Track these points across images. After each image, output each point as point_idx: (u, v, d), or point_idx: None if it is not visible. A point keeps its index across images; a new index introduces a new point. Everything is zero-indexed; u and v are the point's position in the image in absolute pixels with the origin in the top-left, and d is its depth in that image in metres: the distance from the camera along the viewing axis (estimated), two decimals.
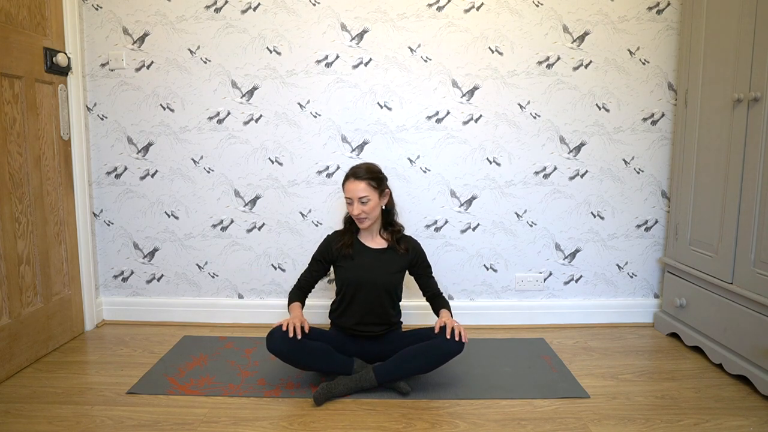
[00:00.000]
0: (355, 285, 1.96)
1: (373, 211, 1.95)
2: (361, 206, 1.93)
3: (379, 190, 1.96)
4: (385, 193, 2.00)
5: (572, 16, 2.39)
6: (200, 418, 1.67)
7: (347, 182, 1.95)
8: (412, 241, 2.06)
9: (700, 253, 2.19)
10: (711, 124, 2.13)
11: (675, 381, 1.95)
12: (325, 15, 2.38)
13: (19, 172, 2.02)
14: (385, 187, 2.00)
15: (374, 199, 1.94)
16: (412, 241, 2.06)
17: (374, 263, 1.98)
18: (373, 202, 1.94)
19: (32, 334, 2.08)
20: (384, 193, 1.99)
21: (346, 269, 1.98)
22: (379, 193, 1.96)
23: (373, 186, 1.93)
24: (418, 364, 1.81)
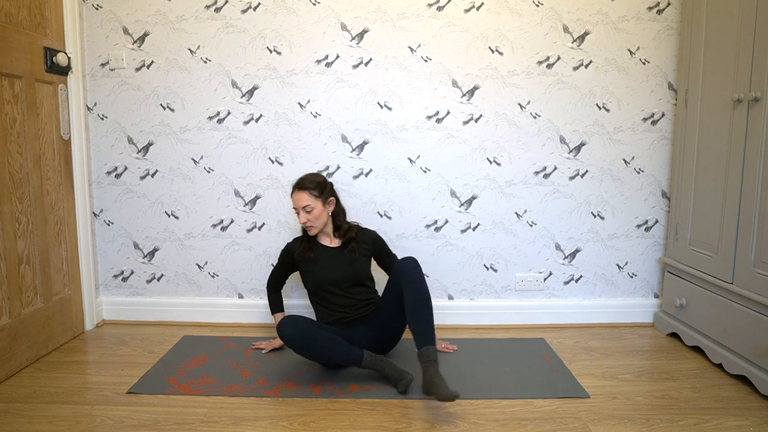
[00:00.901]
0: (326, 283, 2.06)
1: (317, 219, 2.05)
2: (306, 215, 2.03)
3: (322, 199, 2.05)
4: (329, 201, 2.08)
5: (572, 16, 2.39)
6: (200, 418, 1.67)
7: (293, 193, 2.06)
8: (369, 233, 2.16)
9: (700, 253, 2.19)
10: (711, 124, 2.13)
11: (675, 381, 1.95)
12: (325, 15, 2.38)
13: (19, 171, 2.02)
14: (329, 195, 2.08)
15: (318, 207, 2.04)
16: (369, 233, 2.16)
17: (337, 260, 2.09)
18: (317, 210, 2.04)
19: (32, 334, 2.08)
20: (328, 201, 2.08)
21: (312, 272, 2.09)
22: (322, 201, 2.05)
23: (315, 195, 2.03)
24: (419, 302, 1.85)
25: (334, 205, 2.11)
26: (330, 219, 2.12)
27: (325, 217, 2.07)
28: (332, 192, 2.11)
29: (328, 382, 1.91)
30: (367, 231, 2.18)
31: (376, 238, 2.18)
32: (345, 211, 2.19)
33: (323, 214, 2.06)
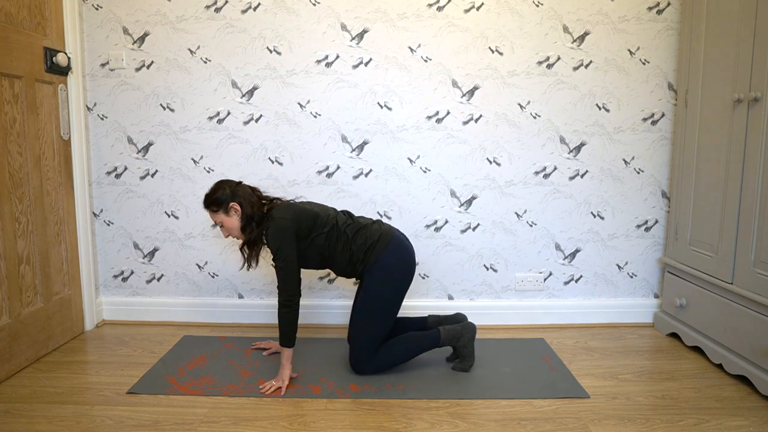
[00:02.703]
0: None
1: (233, 230, 1.94)
2: (223, 230, 1.97)
3: (223, 211, 1.92)
4: (231, 209, 1.92)
5: (572, 16, 2.39)
6: (200, 418, 1.67)
7: None
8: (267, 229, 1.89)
9: (700, 253, 2.19)
10: (711, 124, 2.13)
11: (675, 381, 1.95)
12: (325, 15, 2.38)
13: (19, 171, 2.02)
14: (228, 205, 1.91)
15: (225, 220, 1.93)
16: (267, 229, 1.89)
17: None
18: (227, 223, 1.93)
19: (32, 334, 2.08)
20: (230, 210, 1.92)
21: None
22: (224, 213, 1.92)
23: (214, 210, 1.93)
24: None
25: (240, 210, 1.92)
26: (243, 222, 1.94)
27: (237, 224, 1.93)
28: (234, 197, 1.91)
29: (328, 382, 1.91)
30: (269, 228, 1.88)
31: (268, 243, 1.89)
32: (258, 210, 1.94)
33: (233, 223, 1.93)
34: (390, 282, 1.95)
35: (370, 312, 1.94)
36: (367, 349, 1.94)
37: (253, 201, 1.95)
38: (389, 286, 1.95)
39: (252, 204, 1.94)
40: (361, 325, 1.95)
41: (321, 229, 1.93)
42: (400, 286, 1.97)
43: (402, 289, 1.98)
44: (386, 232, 1.98)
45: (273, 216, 1.90)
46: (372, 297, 1.95)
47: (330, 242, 1.95)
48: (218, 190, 1.93)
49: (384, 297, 1.95)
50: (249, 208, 1.93)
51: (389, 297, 1.95)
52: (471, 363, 2.03)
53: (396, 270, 1.95)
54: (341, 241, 1.95)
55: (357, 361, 1.95)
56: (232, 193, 1.92)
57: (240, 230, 1.95)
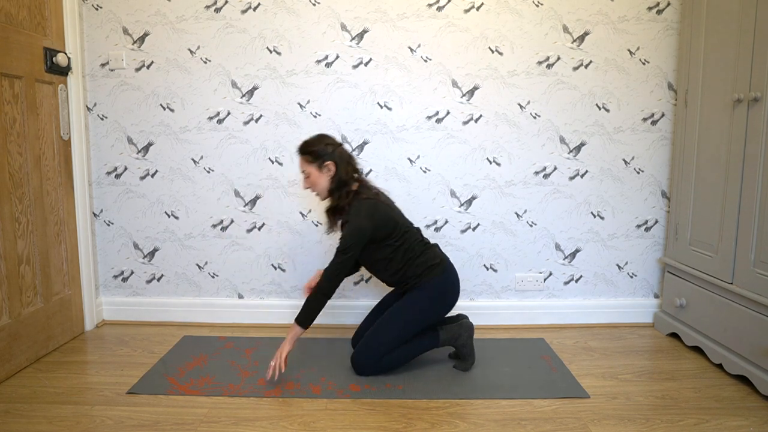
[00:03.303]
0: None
1: (316, 185, 1.96)
2: (305, 180, 1.98)
3: (316, 165, 1.93)
4: (325, 165, 1.93)
5: (572, 16, 2.39)
6: (200, 418, 1.67)
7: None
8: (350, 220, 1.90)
9: (700, 253, 2.19)
10: (711, 124, 2.13)
11: (675, 381, 1.95)
12: (325, 15, 2.38)
13: (19, 172, 2.02)
14: (326, 161, 1.92)
15: (313, 172, 1.95)
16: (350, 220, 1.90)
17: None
18: (313, 176, 1.95)
19: (32, 334, 2.08)
20: (324, 167, 1.93)
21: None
22: (317, 167, 1.93)
23: (308, 160, 1.94)
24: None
25: (333, 170, 1.93)
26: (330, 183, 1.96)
27: (324, 183, 1.95)
28: (332, 156, 1.92)
29: (328, 382, 1.91)
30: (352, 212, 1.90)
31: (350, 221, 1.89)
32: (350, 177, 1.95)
33: (321, 180, 1.94)
34: (432, 305, 1.98)
35: (399, 323, 1.95)
36: (378, 354, 1.93)
37: (348, 168, 1.97)
38: (429, 309, 1.98)
39: (347, 171, 1.96)
40: (383, 331, 1.95)
41: (393, 240, 1.96)
42: (438, 312, 2.00)
43: (438, 315, 2.01)
44: (446, 258, 2.05)
45: (360, 207, 1.90)
46: (408, 310, 1.96)
47: (396, 253, 1.97)
48: (320, 143, 1.95)
49: (419, 316, 1.97)
50: (343, 173, 1.94)
51: (423, 317, 1.98)
52: (471, 362, 2.03)
53: (443, 297, 2.00)
54: (408, 254, 1.98)
55: (363, 362, 1.95)
56: (333, 152, 1.94)
57: (328, 192, 1.97)
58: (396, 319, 1.96)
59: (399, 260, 1.98)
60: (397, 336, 1.95)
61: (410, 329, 1.97)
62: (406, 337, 1.97)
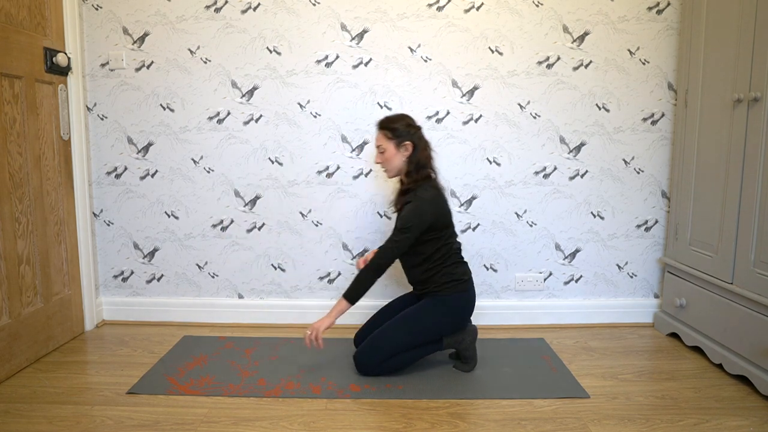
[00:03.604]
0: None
1: (389, 161, 1.97)
2: (379, 155, 1.99)
3: (395, 141, 1.94)
4: (404, 144, 1.94)
5: (572, 16, 2.39)
6: (200, 418, 1.67)
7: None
8: (414, 200, 1.90)
9: (700, 253, 2.19)
10: (711, 124, 2.13)
11: (675, 381, 1.95)
12: (325, 15, 2.38)
13: (19, 172, 2.02)
14: (405, 140, 1.94)
15: (389, 149, 1.95)
16: (414, 200, 1.90)
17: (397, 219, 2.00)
18: (389, 152, 1.95)
19: (32, 334, 2.08)
20: (403, 145, 1.94)
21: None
22: (395, 144, 1.94)
23: (387, 136, 1.95)
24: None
25: (410, 150, 1.94)
26: (406, 164, 1.97)
27: (398, 162, 1.95)
28: (411, 136, 1.94)
29: (328, 382, 1.91)
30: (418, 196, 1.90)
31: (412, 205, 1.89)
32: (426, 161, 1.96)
33: (396, 158, 1.95)
34: (447, 320, 1.98)
35: (410, 330, 1.95)
36: (383, 357, 1.93)
37: (428, 154, 1.98)
38: (443, 323, 1.98)
39: (425, 155, 1.97)
40: (391, 334, 1.94)
41: (440, 238, 1.95)
42: (451, 327, 2.00)
43: (449, 331, 2.00)
44: (471, 277, 2.05)
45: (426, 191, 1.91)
46: (422, 319, 1.96)
47: (437, 253, 1.96)
48: (402, 121, 1.96)
49: (431, 327, 1.97)
50: (422, 156, 1.96)
51: (434, 329, 1.97)
52: (473, 365, 2.03)
53: (459, 314, 2.00)
54: (444, 259, 1.97)
55: (366, 362, 1.94)
56: (413, 134, 1.96)
57: (398, 171, 1.99)
58: (407, 325, 1.95)
59: (435, 260, 1.97)
60: (405, 342, 1.94)
61: (419, 338, 1.96)
62: (413, 344, 1.96)
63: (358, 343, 2.13)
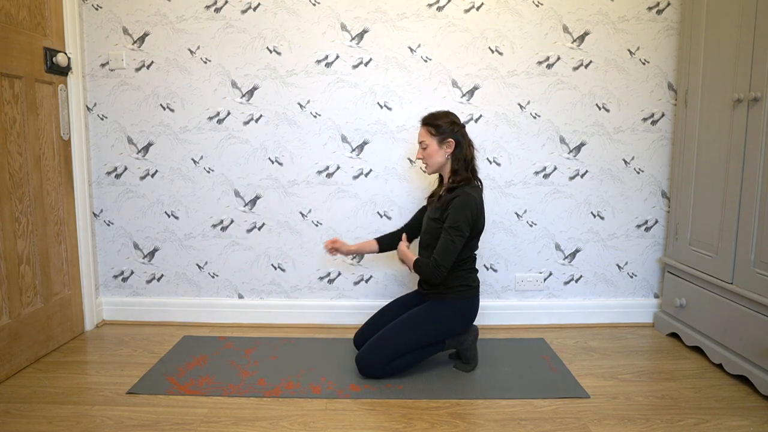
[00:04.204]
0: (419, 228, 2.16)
1: (431, 158, 1.98)
2: (421, 150, 2.00)
3: (438, 138, 1.96)
4: (446, 141, 1.95)
5: (572, 16, 2.39)
6: (200, 418, 1.67)
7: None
8: (462, 195, 1.89)
9: (700, 253, 2.19)
10: (711, 124, 2.13)
11: (675, 381, 1.95)
12: (325, 15, 2.38)
13: (19, 172, 2.02)
14: (448, 137, 1.95)
15: (432, 145, 1.96)
16: (462, 195, 1.89)
17: (431, 210, 2.03)
18: (431, 148, 1.97)
19: (32, 334, 2.08)
20: (446, 142, 1.95)
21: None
22: (438, 140, 1.96)
23: (431, 133, 1.97)
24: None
25: (452, 148, 1.95)
26: (449, 162, 1.98)
27: (440, 158, 1.96)
28: (455, 134, 1.95)
29: (328, 382, 1.91)
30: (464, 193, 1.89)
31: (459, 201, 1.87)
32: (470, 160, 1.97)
33: (437, 155, 1.96)
34: (453, 324, 1.98)
35: (415, 331, 1.94)
36: (386, 358, 1.91)
37: (472, 153, 1.99)
38: (448, 326, 1.98)
39: (469, 153, 1.98)
40: (396, 336, 1.93)
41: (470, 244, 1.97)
42: (454, 331, 2.00)
43: (452, 334, 2.00)
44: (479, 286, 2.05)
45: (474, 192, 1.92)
46: (428, 322, 1.95)
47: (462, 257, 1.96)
48: (446, 118, 1.97)
49: (436, 330, 1.96)
50: (468, 153, 1.97)
51: (439, 332, 1.97)
52: (474, 365, 2.03)
53: (464, 319, 2.00)
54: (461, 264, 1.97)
55: (369, 364, 1.92)
56: (457, 132, 1.96)
57: (440, 167, 2.01)
58: (413, 327, 1.94)
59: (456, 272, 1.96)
60: (409, 343, 1.94)
61: (424, 339, 1.96)
62: (417, 346, 1.95)
63: (358, 344, 2.13)
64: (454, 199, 1.90)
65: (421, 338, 1.95)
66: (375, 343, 1.94)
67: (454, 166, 1.97)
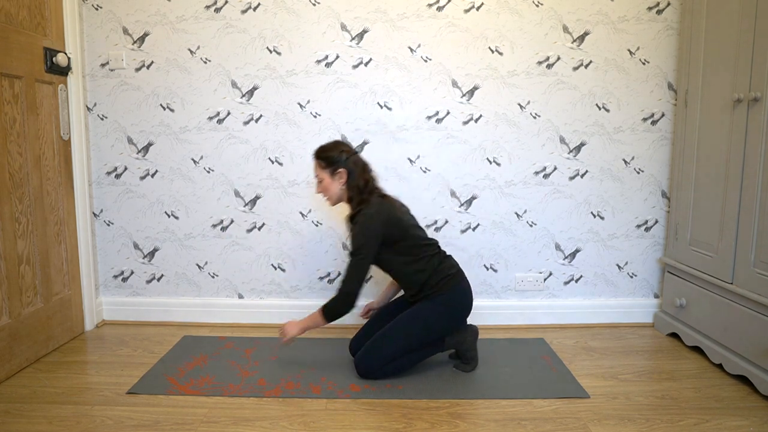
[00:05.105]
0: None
1: (327, 190, 1.98)
2: (317, 185, 2.00)
3: (329, 170, 1.94)
4: (337, 172, 1.93)
5: (572, 16, 2.39)
6: (200, 418, 1.67)
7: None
8: (360, 218, 1.91)
9: (700, 253, 2.19)
10: (711, 124, 2.13)
11: (675, 381, 1.95)
12: (325, 15, 2.38)
13: (19, 172, 2.02)
14: (339, 167, 1.93)
15: (326, 178, 1.96)
16: (360, 218, 1.91)
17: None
18: (326, 181, 1.96)
19: (32, 334, 2.08)
20: (337, 174, 1.94)
21: None
22: (330, 172, 1.94)
23: (321, 166, 1.96)
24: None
25: (345, 177, 1.94)
26: (345, 191, 1.97)
27: (335, 189, 1.96)
28: (345, 163, 1.93)
29: (328, 382, 1.91)
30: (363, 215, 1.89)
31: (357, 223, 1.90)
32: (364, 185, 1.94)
33: (333, 186, 1.95)
34: (448, 315, 1.96)
35: (406, 336, 1.93)
36: (381, 364, 1.91)
37: (366, 177, 1.97)
38: (445, 318, 1.96)
39: (363, 179, 1.96)
40: (388, 342, 1.92)
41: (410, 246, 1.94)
42: (455, 321, 1.98)
43: (454, 324, 1.99)
44: (460, 270, 2.02)
45: (368, 209, 1.90)
46: (423, 318, 1.94)
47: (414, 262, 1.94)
48: (335, 150, 1.96)
49: (435, 324, 1.95)
50: (360, 180, 1.95)
51: (440, 326, 1.96)
52: (474, 365, 2.03)
53: (458, 307, 1.98)
54: (426, 262, 1.95)
55: (367, 368, 1.92)
56: (347, 160, 1.94)
57: (339, 198, 1.99)
58: (407, 329, 1.93)
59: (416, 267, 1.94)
60: (405, 345, 1.93)
61: (420, 340, 1.95)
62: (413, 347, 1.95)
63: (354, 351, 2.10)
64: (354, 227, 1.92)
65: (416, 339, 1.94)
66: (370, 347, 1.94)
67: (350, 194, 1.96)
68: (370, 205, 1.92)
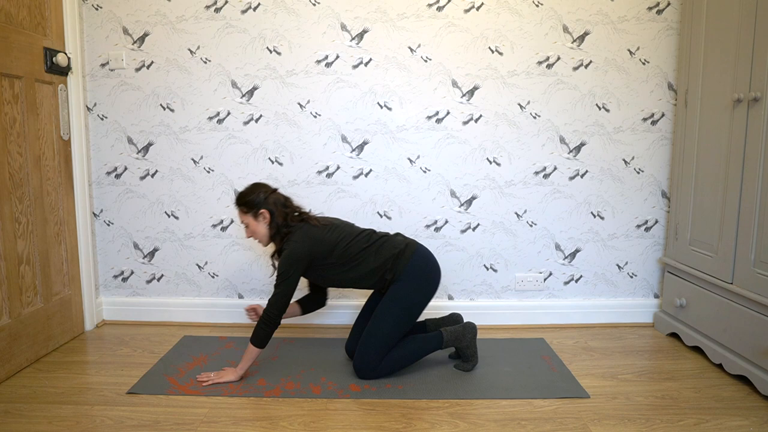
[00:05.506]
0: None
1: (256, 234, 1.98)
2: (246, 230, 2.00)
3: (252, 213, 1.95)
4: (260, 215, 1.94)
5: (572, 16, 2.39)
6: (200, 418, 1.67)
7: None
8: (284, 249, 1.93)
9: (700, 253, 2.19)
10: (711, 124, 2.13)
11: (675, 381, 1.95)
12: (325, 15, 2.38)
13: (19, 172, 2.02)
14: (260, 210, 1.93)
15: (251, 222, 1.96)
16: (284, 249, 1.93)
17: None
18: (252, 225, 1.97)
19: (32, 334, 2.08)
20: (259, 215, 1.94)
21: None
22: (253, 216, 1.95)
23: (244, 211, 1.96)
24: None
25: (268, 218, 1.94)
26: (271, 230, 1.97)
27: (263, 230, 1.96)
28: (266, 204, 1.94)
29: (328, 382, 1.91)
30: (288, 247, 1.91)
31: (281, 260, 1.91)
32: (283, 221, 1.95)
33: (259, 228, 1.96)
34: (418, 286, 1.95)
35: (389, 323, 1.92)
36: (376, 359, 1.91)
37: (286, 212, 1.97)
38: (418, 290, 1.95)
39: (284, 215, 1.96)
40: (374, 335, 1.92)
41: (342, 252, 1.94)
42: (428, 289, 1.98)
43: (429, 294, 1.98)
44: (411, 241, 2.02)
45: (291, 241, 1.91)
46: (398, 299, 1.94)
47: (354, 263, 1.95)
48: (253, 193, 1.96)
49: (411, 300, 1.95)
50: (280, 218, 1.95)
51: (416, 300, 1.95)
52: (474, 363, 2.03)
53: (424, 274, 1.97)
54: (372, 249, 1.95)
55: (364, 366, 1.92)
56: (266, 200, 1.95)
57: (269, 238, 1.99)
58: (387, 318, 1.93)
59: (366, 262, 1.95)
60: (392, 332, 1.93)
61: (406, 321, 1.95)
62: (400, 334, 1.95)
63: (350, 351, 2.11)
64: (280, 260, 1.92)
65: (400, 322, 1.93)
66: (363, 346, 1.93)
67: (272, 233, 1.97)
68: (292, 234, 1.93)
